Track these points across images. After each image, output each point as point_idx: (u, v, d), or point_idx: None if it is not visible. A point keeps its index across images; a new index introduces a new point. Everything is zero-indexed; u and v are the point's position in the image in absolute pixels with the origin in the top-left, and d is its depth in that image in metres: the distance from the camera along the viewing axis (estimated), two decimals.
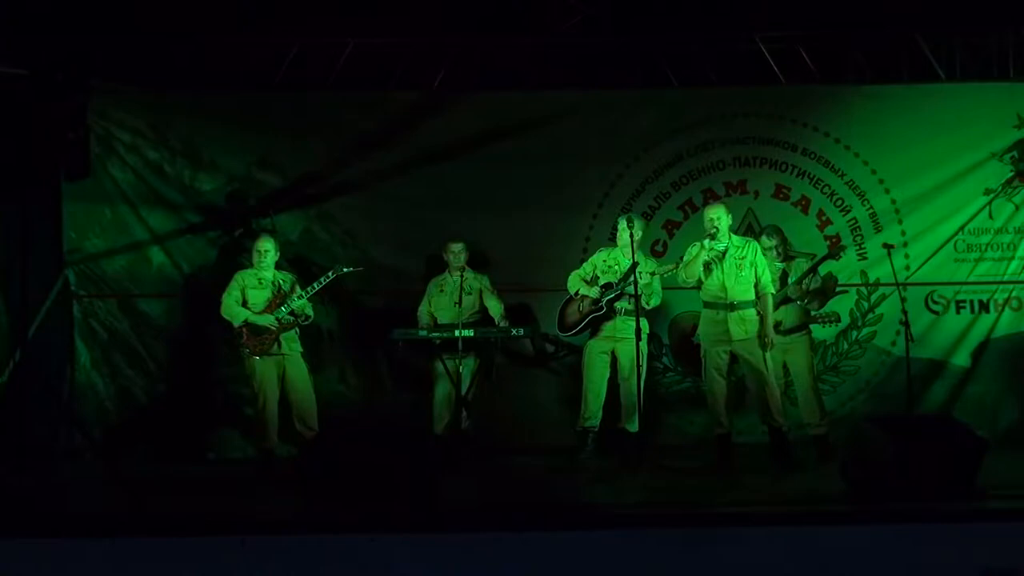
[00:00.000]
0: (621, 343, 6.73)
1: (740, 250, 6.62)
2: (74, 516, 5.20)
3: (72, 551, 4.29)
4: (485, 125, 7.58)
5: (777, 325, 6.71)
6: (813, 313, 7.02)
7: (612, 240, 7.09)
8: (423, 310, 7.15)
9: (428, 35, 7.47)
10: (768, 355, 6.58)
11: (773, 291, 6.68)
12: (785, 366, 6.93)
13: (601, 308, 6.76)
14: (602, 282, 6.83)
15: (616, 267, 6.85)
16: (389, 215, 7.60)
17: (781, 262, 6.97)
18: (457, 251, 7.08)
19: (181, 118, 7.59)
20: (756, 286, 6.59)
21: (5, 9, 6.90)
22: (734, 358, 6.62)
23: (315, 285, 6.76)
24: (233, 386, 7.36)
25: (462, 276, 6.99)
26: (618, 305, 6.76)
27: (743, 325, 6.53)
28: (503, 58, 7.65)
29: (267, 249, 6.85)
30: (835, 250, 7.27)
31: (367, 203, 7.63)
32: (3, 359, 7.20)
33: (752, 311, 6.56)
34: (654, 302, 6.79)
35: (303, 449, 6.19)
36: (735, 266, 6.57)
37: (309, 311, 6.88)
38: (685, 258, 6.72)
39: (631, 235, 6.63)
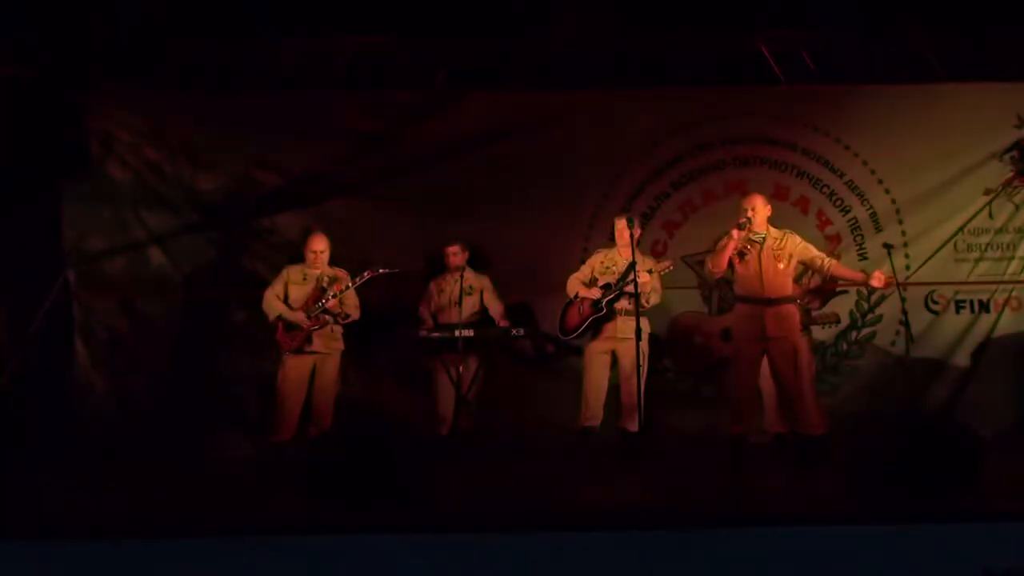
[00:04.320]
0: (622, 343, 6.72)
1: (779, 242, 6.43)
2: (74, 516, 5.20)
3: (72, 551, 4.29)
4: (485, 125, 7.59)
5: None
6: (813, 313, 7.01)
7: (611, 240, 7.09)
8: (424, 310, 7.15)
9: (428, 35, 7.47)
10: (801, 357, 6.43)
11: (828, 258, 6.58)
12: None
13: (602, 310, 6.75)
14: (601, 283, 6.83)
15: (614, 268, 6.84)
16: (389, 215, 7.60)
17: None
18: (452, 253, 7.08)
19: (181, 118, 7.59)
20: (819, 268, 6.48)
21: (6, 9, 6.90)
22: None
23: (348, 285, 6.75)
24: (233, 386, 7.36)
25: (462, 276, 6.99)
26: (618, 306, 6.75)
27: (779, 322, 6.35)
28: (503, 58, 7.65)
29: (321, 249, 6.81)
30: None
31: (367, 203, 7.63)
32: (3, 359, 7.20)
33: (790, 308, 6.39)
34: (653, 301, 6.78)
35: (303, 449, 6.20)
36: (772, 259, 6.38)
37: (350, 310, 6.83)
38: (716, 248, 6.59)
39: (631, 235, 6.63)
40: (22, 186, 7.18)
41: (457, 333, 6.77)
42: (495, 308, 7.08)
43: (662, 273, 6.81)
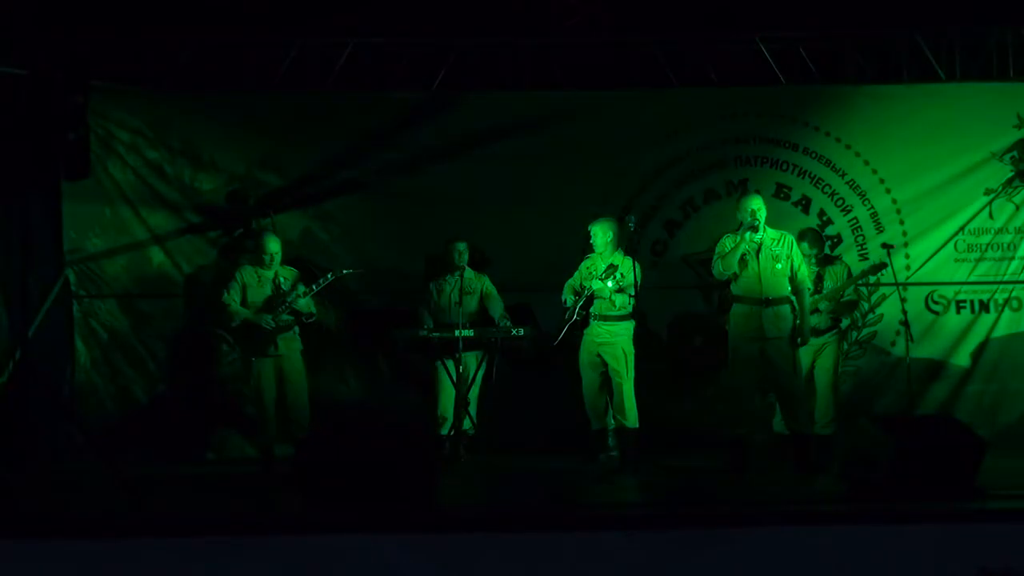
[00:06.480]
0: (603, 347, 6.74)
1: (776, 243, 6.39)
2: (74, 516, 5.20)
3: (72, 551, 4.29)
4: (485, 125, 7.59)
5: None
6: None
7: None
8: (423, 310, 7.15)
9: (428, 35, 7.47)
10: (799, 356, 6.44)
11: (811, 287, 6.51)
12: (812, 365, 6.84)
13: (572, 317, 6.76)
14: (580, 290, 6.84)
15: (595, 273, 6.83)
16: (389, 215, 7.60)
17: (817, 267, 6.86)
18: (462, 250, 7.07)
19: (181, 118, 7.60)
20: (792, 280, 6.36)
21: (5, 9, 6.90)
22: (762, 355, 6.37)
23: (314, 286, 6.75)
24: (233, 386, 7.36)
25: (462, 276, 6.99)
26: (592, 310, 6.74)
27: (777, 322, 6.31)
28: (503, 58, 7.65)
29: (276, 251, 6.82)
30: (877, 267, 7.15)
31: (367, 203, 7.64)
32: (3, 359, 7.20)
33: (787, 307, 6.36)
34: (620, 303, 6.73)
35: (302, 449, 6.19)
36: (770, 259, 6.34)
37: (312, 309, 6.85)
38: (719, 250, 6.49)
39: (631, 233, 6.64)
40: (22, 186, 7.18)
41: (457, 333, 6.77)
42: (495, 308, 7.07)
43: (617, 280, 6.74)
